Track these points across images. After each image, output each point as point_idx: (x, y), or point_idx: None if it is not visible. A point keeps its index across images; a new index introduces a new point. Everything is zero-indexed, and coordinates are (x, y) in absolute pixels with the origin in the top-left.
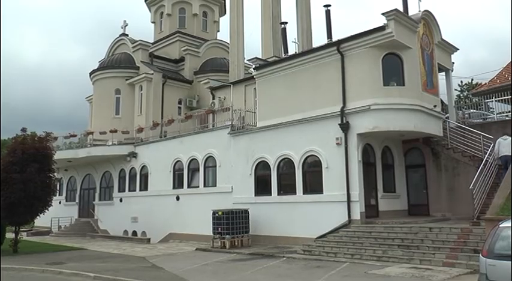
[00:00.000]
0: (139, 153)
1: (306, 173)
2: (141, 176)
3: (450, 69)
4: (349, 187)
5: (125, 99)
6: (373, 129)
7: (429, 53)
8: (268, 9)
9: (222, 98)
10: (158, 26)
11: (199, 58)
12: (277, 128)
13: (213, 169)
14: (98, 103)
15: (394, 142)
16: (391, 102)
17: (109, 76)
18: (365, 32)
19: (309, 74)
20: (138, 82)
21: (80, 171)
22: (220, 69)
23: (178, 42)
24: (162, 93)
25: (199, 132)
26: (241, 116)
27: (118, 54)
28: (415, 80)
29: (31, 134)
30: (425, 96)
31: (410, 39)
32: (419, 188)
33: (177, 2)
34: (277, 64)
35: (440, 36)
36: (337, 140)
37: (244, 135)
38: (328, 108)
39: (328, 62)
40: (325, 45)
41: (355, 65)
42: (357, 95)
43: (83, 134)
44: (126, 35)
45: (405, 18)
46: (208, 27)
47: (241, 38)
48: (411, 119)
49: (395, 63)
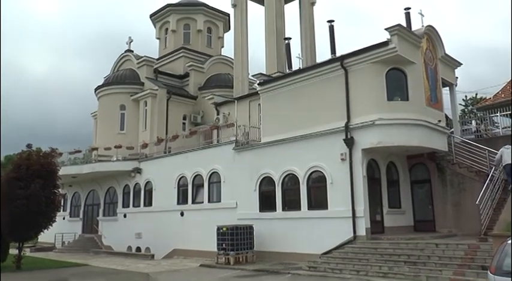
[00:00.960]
0: (144, 169)
1: (310, 189)
2: (146, 191)
3: (454, 84)
4: (354, 203)
5: (129, 115)
6: (377, 144)
7: (433, 68)
8: (272, 24)
9: (226, 113)
10: (163, 42)
11: (204, 74)
12: (281, 143)
13: (218, 184)
14: (103, 119)
15: (398, 157)
16: (396, 117)
17: (114, 92)
18: (368, 47)
19: (313, 89)
20: (142, 98)
21: (84, 187)
22: (224, 85)
23: (183, 58)
24: (167, 109)
25: (204, 148)
26: (246, 132)
27: (123, 70)
28: (419, 95)
29: (36, 150)
30: (429, 111)
31: (413, 54)
32: (424, 203)
33: (182, 18)
34: (281, 80)
35: (443, 51)
36: (341, 155)
37: (248, 151)
38: (333, 124)
39: (332, 78)
40: (329, 61)
41: (359, 80)
42: (361, 110)
43: (87, 150)
44: (131, 51)
45: (408, 34)
46: (212, 43)
47: (246, 54)
48: (416, 134)
49: (399, 78)
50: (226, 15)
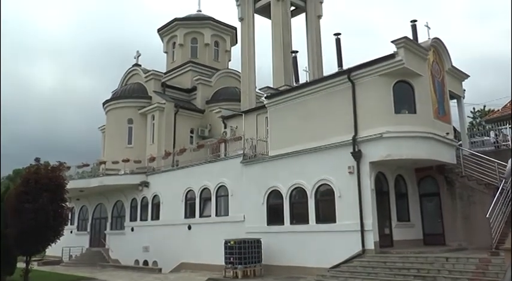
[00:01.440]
0: (151, 182)
1: (318, 202)
2: (153, 205)
3: (461, 96)
4: (363, 216)
5: (137, 128)
6: (385, 157)
7: (440, 80)
8: (279, 38)
9: (233, 127)
10: (170, 56)
11: (211, 87)
12: (289, 157)
13: (225, 198)
14: (111, 133)
15: (407, 170)
16: (403, 130)
17: (122, 106)
18: (375, 60)
19: (320, 102)
20: (150, 112)
21: (91, 200)
22: (231, 99)
23: (191, 72)
24: (174, 123)
25: (211, 162)
26: (253, 145)
27: (131, 85)
28: (426, 108)
29: (44, 163)
30: (437, 123)
31: (420, 67)
32: (434, 217)
33: (189, 32)
34: (288, 93)
35: (450, 63)
36: (349, 168)
37: (256, 164)
38: (340, 137)
39: (339, 91)
40: (336, 74)
41: (366, 93)
42: (369, 123)
43: (95, 164)
44: (139, 65)
45: (415, 46)
46: (220, 56)
47: (253, 67)
48: (424, 147)
49: (407, 91)
50: (233, 29)
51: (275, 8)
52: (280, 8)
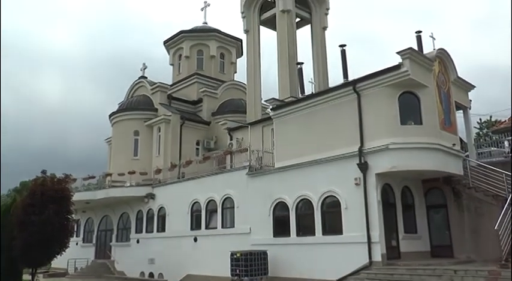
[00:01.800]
0: (157, 194)
1: (324, 214)
2: (159, 217)
3: (468, 107)
4: (369, 228)
5: (143, 140)
6: (391, 169)
7: (446, 91)
8: (285, 50)
9: (239, 138)
10: (176, 68)
11: (217, 99)
12: (295, 168)
13: (231, 210)
14: (117, 145)
15: (413, 181)
16: (409, 141)
17: (128, 118)
18: (380, 71)
19: (326, 114)
20: (156, 124)
21: (97, 212)
22: (237, 110)
23: (196, 84)
24: (180, 135)
25: (217, 174)
26: (259, 157)
27: (137, 97)
28: (432, 119)
29: (50, 175)
30: (443, 134)
31: (426, 78)
32: (441, 228)
33: (195, 44)
34: (294, 104)
35: (456, 74)
36: (355, 180)
37: (262, 176)
38: (346, 148)
39: (344, 102)
40: (341, 85)
41: (371, 105)
42: (375, 134)
43: (101, 176)
44: (145, 77)
45: (420, 57)
46: (225, 68)
47: (258, 79)
48: (430, 158)
49: (412, 102)
50: (239, 40)
51: (280, 20)
52: (286, 20)
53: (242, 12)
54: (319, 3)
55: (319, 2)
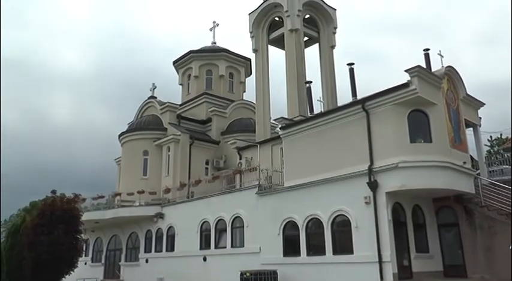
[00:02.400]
0: (166, 214)
1: (335, 233)
2: (168, 236)
3: (478, 125)
4: (380, 247)
5: (152, 160)
6: (401, 187)
7: (455, 109)
8: (293, 69)
9: (249, 158)
10: (186, 87)
11: (226, 119)
12: (304, 187)
13: (241, 229)
14: (126, 164)
15: (424, 200)
16: (419, 159)
17: (137, 138)
18: (389, 89)
19: (335, 132)
20: (165, 143)
21: (106, 232)
22: (246, 130)
23: (206, 104)
24: (190, 154)
25: (227, 193)
26: (268, 176)
27: (146, 117)
28: (442, 137)
29: (60, 195)
30: (454, 152)
31: (435, 96)
32: (454, 248)
33: (204, 64)
34: (303, 123)
35: (465, 91)
36: (365, 199)
37: (271, 195)
38: (356, 167)
39: (353, 120)
40: (350, 104)
41: (380, 123)
42: (384, 153)
43: (110, 196)
44: (155, 97)
45: (428, 75)
46: (234, 88)
47: (267, 98)
48: (441, 177)
49: (421, 120)
50: (248, 60)
51: (289, 39)
52: (294, 39)
53: (251, 32)
54: (327, 22)
55: (327, 20)
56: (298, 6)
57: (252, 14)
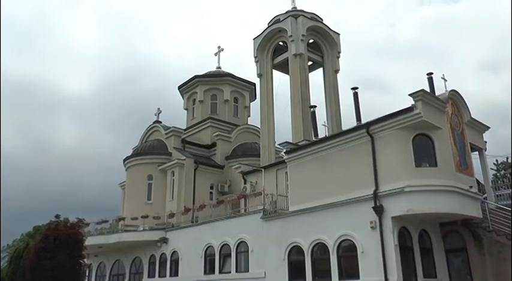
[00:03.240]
0: (170, 238)
1: (341, 258)
2: (172, 261)
3: (483, 149)
4: (387, 272)
5: (156, 184)
6: (407, 212)
7: (460, 133)
8: (297, 93)
9: (253, 182)
10: (190, 112)
11: (231, 143)
12: (309, 212)
13: (245, 254)
14: (130, 189)
15: (431, 224)
16: (425, 183)
17: (142, 162)
18: (393, 114)
19: (340, 156)
20: (170, 168)
21: (109, 257)
22: (251, 154)
23: (210, 128)
24: (194, 179)
25: (231, 217)
26: (273, 201)
27: (151, 141)
28: (447, 161)
29: (64, 220)
30: (459, 177)
31: (439, 120)
32: (462, 273)
33: (209, 89)
34: (307, 148)
35: (469, 115)
36: (371, 223)
37: (276, 220)
38: (361, 191)
39: (358, 145)
40: (355, 128)
41: (385, 147)
42: (389, 177)
43: (114, 220)
44: (160, 122)
45: (432, 99)
46: (239, 112)
47: (272, 123)
48: (447, 201)
49: (426, 144)
50: (252, 84)
51: (293, 63)
52: (298, 64)
53: (255, 57)
54: (331, 46)
55: (331, 45)
56: (302, 31)
57: (256, 39)
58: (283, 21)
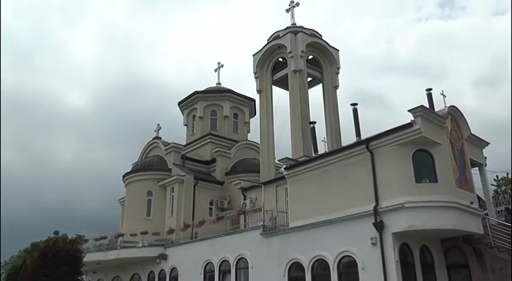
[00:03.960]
0: (170, 255)
1: (341, 275)
2: (171, 278)
3: (483, 164)
4: None
5: (156, 200)
6: (408, 228)
7: (459, 149)
8: (297, 109)
9: (253, 198)
10: (190, 128)
11: (230, 159)
12: (309, 228)
13: (245, 270)
14: (130, 205)
15: (432, 240)
16: (425, 199)
17: (142, 178)
18: (393, 129)
19: (339, 172)
20: (169, 184)
21: (108, 273)
22: (251, 170)
23: (210, 144)
24: (194, 195)
25: (231, 234)
26: (273, 217)
27: (151, 157)
28: (448, 177)
29: (62, 236)
30: (460, 192)
31: (439, 135)
32: None
33: (209, 104)
34: (307, 164)
35: (469, 131)
36: (372, 239)
37: (276, 236)
38: (361, 207)
39: (358, 160)
40: (354, 144)
41: (385, 163)
42: (390, 193)
43: (113, 236)
44: (159, 138)
45: (432, 114)
46: (239, 128)
47: (271, 139)
48: (448, 217)
49: (426, 160)
50: (252, 100)
51: (292, 80)
52: (298, 80)
53: (255, 73)
54: (330, 62)
55: (330, 61)
56: (301, 47)
57: (256, 55)
58: (282, 37)
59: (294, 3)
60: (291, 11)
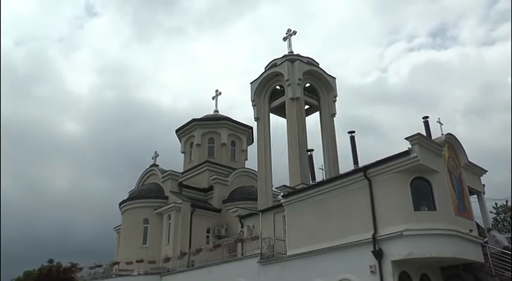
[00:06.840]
0: None
1: None
2: None
3: (482, 192)
4: None
5: (152, 228)
6: (407, 256)
7: (457, 176)
8: (295, 137)
9: (250, 226)
10: (188, 156)
11: (228, 187)
12: (308, 256)
13: None
14: (126, 233)
15: (432, 268)
16: (424, 227)
17: (138, 206)
18: (390, 157)
19: (337, 200)
20: (166, 212)
21: None
22: (248, 197)
23: (207, 172)
24: (191, 222)
25: (228, 261)
26: (271, 245)
27: (148, 185)
28: (446, 204)
29: (56, 265)
30: (459, 220)
31: (436, 163)
32: None
33: (207, 132)
34: (305, 191)
35: (466, 158)
36: (371, 267)
37: (274, 264)
38: (360, 235)
39: (356, 188)
40: (352, 172)
41: (383, 191)
42: (388, 220)
43: (108, 265)
44: (157, 165)
45: (429, 142)
46: (236, 155)
47: (269, 166)
48: (447, 245)
49: (424, 188)
50: (250, 128)
51: (290, 107)
52: (295, 108)
53: (253, 101)
54: (327, 90)
55: (327, 89)
56: (298, 75)
57: (253, 82)
58: (279, 65)
59: (291, 31)
60: (288, 39)
